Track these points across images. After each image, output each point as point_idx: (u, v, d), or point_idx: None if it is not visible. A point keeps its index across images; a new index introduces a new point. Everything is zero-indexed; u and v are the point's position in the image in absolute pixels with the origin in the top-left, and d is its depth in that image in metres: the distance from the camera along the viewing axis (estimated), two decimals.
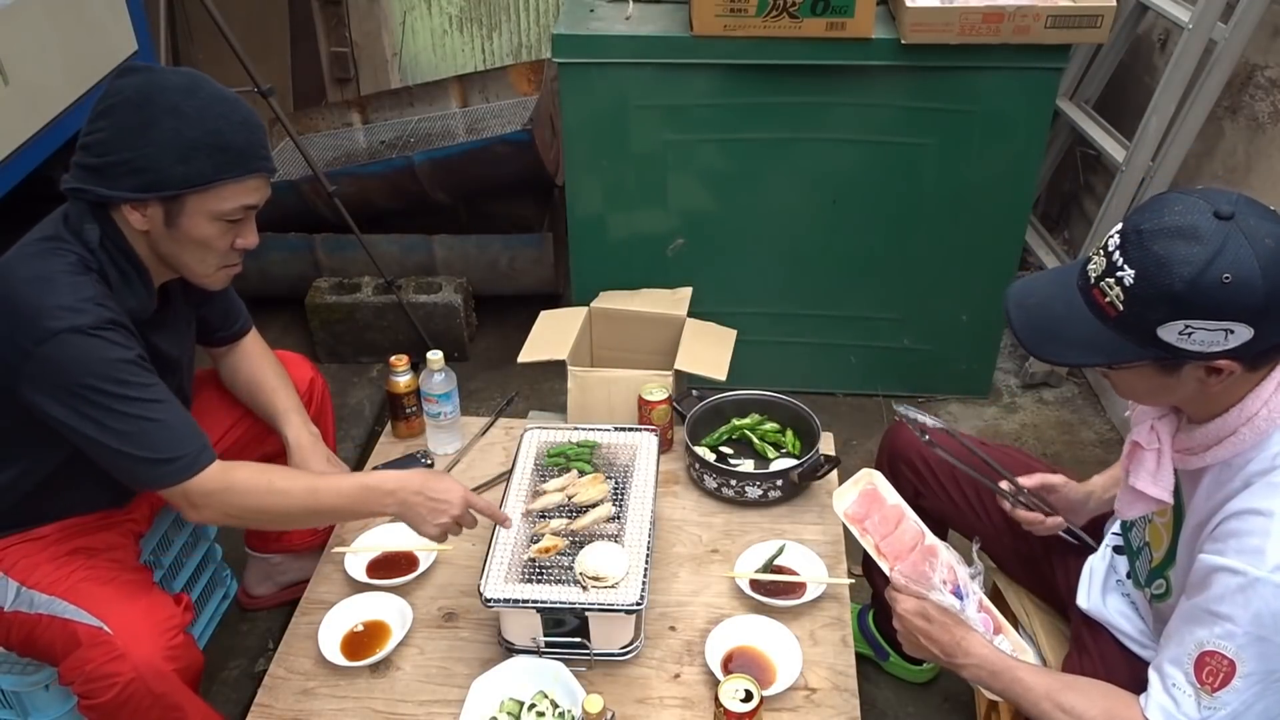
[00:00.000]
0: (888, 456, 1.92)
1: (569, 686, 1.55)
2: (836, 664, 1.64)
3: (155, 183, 1.43)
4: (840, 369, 2.99)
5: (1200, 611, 1.23)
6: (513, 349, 2.28)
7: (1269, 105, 2.52)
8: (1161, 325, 1.16)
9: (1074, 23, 2.36)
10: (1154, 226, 1.16)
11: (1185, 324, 1.15)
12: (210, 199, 1.47)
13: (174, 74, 1.46)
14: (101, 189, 1.43)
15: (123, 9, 2.80)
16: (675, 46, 2.48)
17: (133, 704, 1.49)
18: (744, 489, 1.93)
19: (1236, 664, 1.19)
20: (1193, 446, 1.31)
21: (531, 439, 1.91)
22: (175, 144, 1.41)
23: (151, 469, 1.45)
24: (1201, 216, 1.15)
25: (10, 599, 1.56)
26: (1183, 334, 1.16)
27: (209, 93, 1.45)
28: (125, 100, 1.42)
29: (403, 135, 3.57)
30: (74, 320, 1.39)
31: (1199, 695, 1.22)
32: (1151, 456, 1.35)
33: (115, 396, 1.41)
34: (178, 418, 1.48)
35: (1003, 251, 2.75)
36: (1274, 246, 1.13)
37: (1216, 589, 1.21)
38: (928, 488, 1.84)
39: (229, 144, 1.44)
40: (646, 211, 2.74)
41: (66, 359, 1.39)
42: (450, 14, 3.95)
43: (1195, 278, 1.12)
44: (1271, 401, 1.22)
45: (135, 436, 1.43)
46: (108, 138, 1.42)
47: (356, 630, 1.71)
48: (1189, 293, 1.13)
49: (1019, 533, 1.72)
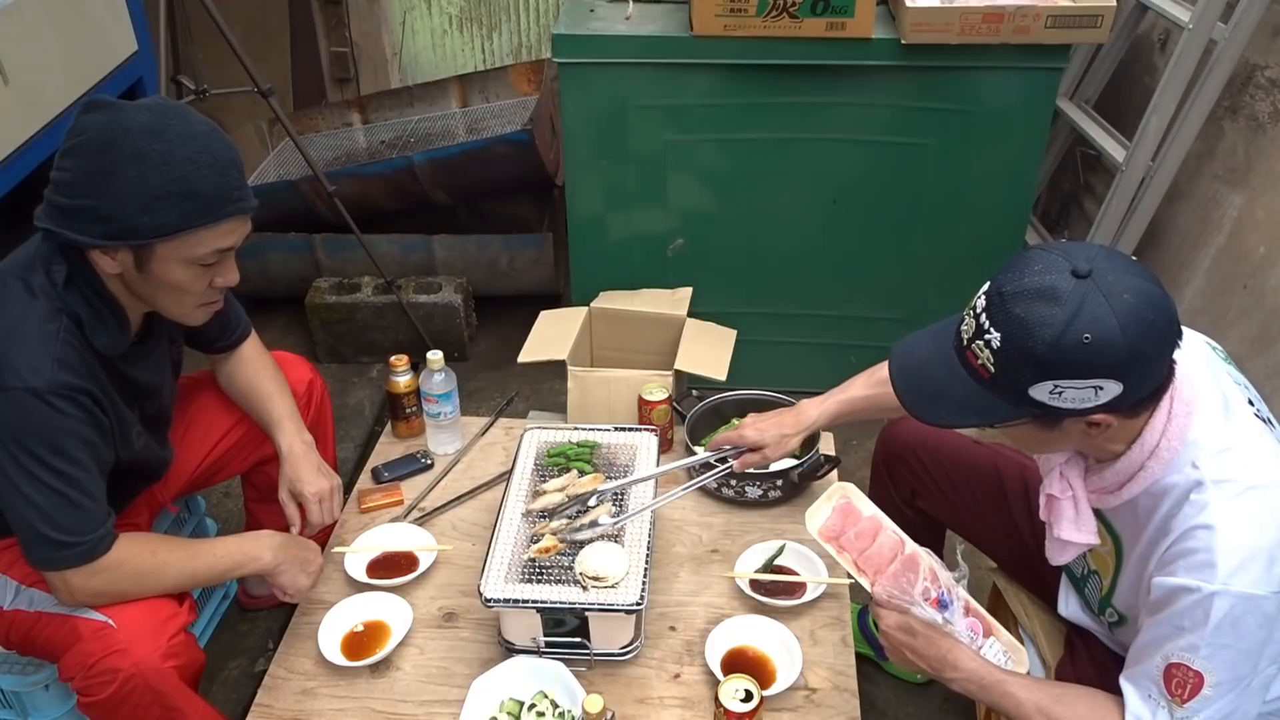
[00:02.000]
0: (883, 456, 1.93)
1: (569, 686, 1.55)
2: (836, 664, 1.64)
3: (122, 231, 1.37)
4: (840, 369, 2.95)
5: (1164, 627, 1.25)
6: (513, 349, 2.28)
7: (1269, 105, 2.52)
8: (1032, 386, 1.18)
9: (1074, 23, 2.36)
10: (1014, 289, 1.18)
11: (1054, 384, 1.17)
12: (182, 246, 1.41)
13: (140, 111, 1.38)
14: (69, 232, 1.38)
15: (123, 9, 2.80)
16: (675, 46, 2.48)
17: (132, 700, 1.48)
18: (744, 489, 1.93)
19: (1204, 675, 1.22)
20: (1106, 486, 1.33)
21: (531, 439, 1.91)
22: (139, 192, 1.35)
23: (47, 549, 1.45)
24: (1059, 276, 1.16)
25: (10, 598, 1.57)
26: (1053, 393, 1.17)
27: (176, 133, 1.37)
28: (88, 142, 1.36)
29: (403, 135, 3.58)
30: (30, 381, 1.38)
31: (1171, 706, 1.25)
32: (1068, 504, 1.38)
33: (41, 463, 1.40)
34: (93, 500, 1.46)
35: (1003, 251, 2.75)
36: (1132, 302, 1.14)
37: (1177, 606, 1.23)
38: (924, 487, 1.84)
39: (196, 190, 1.37)
40: (646, 211, 2.74)
41: (9, 414, 1.39)
42: (450, 14, 3.95)
43: (1056, 340, 1.14)
44: (1168, 430, 1.25)
45: (46, 510, 1.42)
46: (73, 179, 1.37)
47: (356, 630, 1.71)
48: (1052, 355, 1.15)
49: (1016, 533, 1.72)
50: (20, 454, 1.40)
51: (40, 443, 1.40)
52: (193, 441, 1.89)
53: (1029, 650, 1.72)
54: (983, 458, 1.80)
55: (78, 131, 1.38)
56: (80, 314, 1.45)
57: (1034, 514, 1.71)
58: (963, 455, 1.82)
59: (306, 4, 3.92)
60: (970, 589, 2.29)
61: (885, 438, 1.93)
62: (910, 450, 1.86)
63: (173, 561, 1.56)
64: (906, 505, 1.89)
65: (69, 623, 1.51)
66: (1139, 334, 1.13)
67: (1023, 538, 1.72)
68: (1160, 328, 1.16)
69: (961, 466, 1.81)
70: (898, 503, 1.90)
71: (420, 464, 2.06)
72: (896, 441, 1.89)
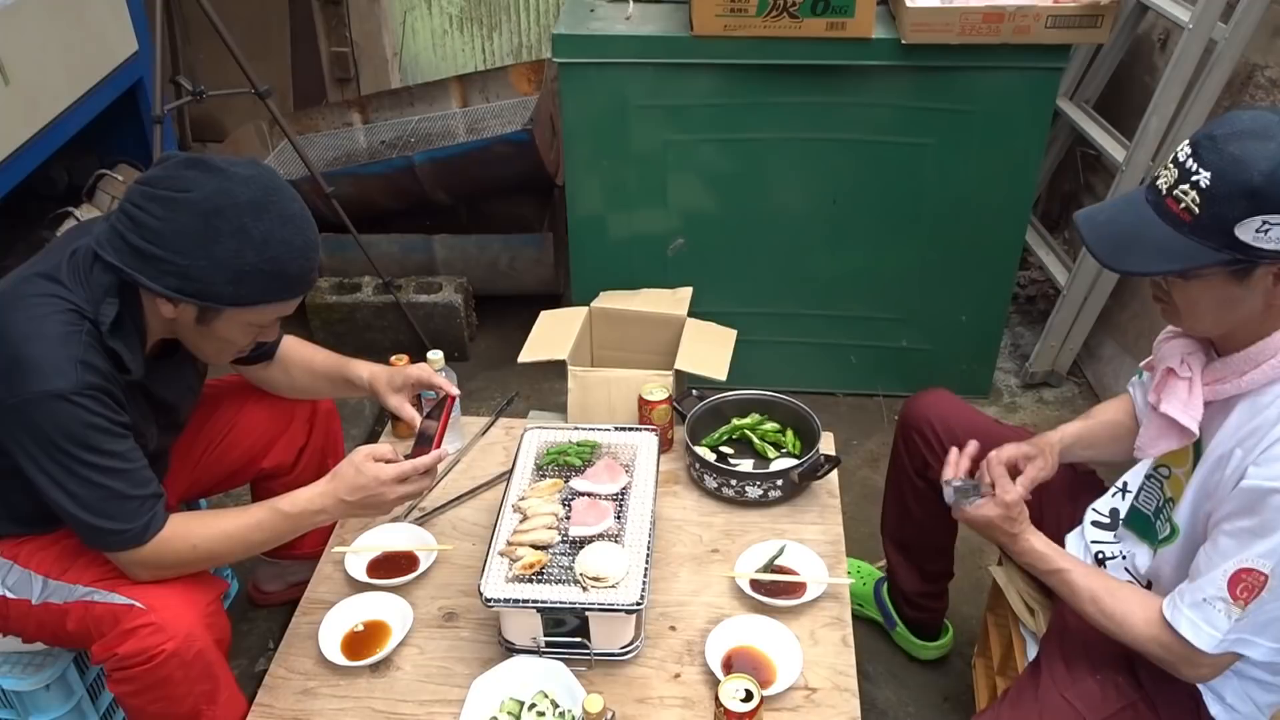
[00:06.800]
0: (900, 428, 1.96)
1: (569, 686, 1.55)
2: (836, 664, 1.64)
3: (201, 293, 1.41)
4: (840, 369, 2.99)
5: (1245, 534, 1.26)
6: (513, 349, 2.28)
7: (1269, 105, 2.52)
8: (1239, 223, 1.20)
9: (1074, 23, 2.36)
10: (1226, 131, 1.21)
11: (1263, 220, 1.18)
12: (251, 314, 1.48)
13: (247, 184, 1.41)
14: (141, 276, 1.40)
15: (123, 9, 2.81)
16: (675, 46, 2.48)
17: (176, 677, 1.50)
18: (744, 489, 1.93)
19: (1270, 578, 1.24)
20: (1225, 375, 1.33)
21: (531, 439, 1.91)
22: (232, 265, 1.39)
23: (99, 536, 1.48)
24: (1272, 118, 1.20)
25: (38, 591, 1.58)
26: (1260, 230, 1.19)
27: (278, 212, 1.42)
28: (192, 202, 1.38)
29: (403, 135, 3.58)
30: (54, 384, 1.38)
31: (1229, 609, 1.27)
32: (1184, 386, 1.38)
33: (78, 461, 1.42)
34: (137, 486, 1.48)
35: (1003, 251, 2.75)
36: None
37: (1267, 512, 1.23)
38: (937, 459, 1.85)
39: (284, 272, 1.43)
40: (646, 211, 2.74)
41: (39, 418, 1.40)
42: (450, 14, 3.95)
43: (1273, 170, 1.16)
44: None
45: (90, 502, 1.44)
46: (163, 230, 1.38)
47: (357, 630, 1.71)
48: (1267, 185, 1.17)
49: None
50: (56, 455, 1.41)
51: (72, 442, 1.41)
52: (206, 447, 1.92)
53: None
54: (1000, 435, 1.80)
55: (178, 186, 1.39)
56: (114, 347, 1.46)
57: (1039, 496, 1.72)
58: (979, 431, 1.82)
59: (307, 4, 3.92)
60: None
61: (905, 411, 1.95)
62: (926, 422, 1.88)
63: (235, 535, 1.57)
64: (919, 476, 1.91)
65: (105, 608, 1.52)
66: None
67: None
68: None
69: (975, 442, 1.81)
70: (910, 474, 1.93)
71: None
72: (914, 414, 1.92)
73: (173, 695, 1.52)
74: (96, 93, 2.70)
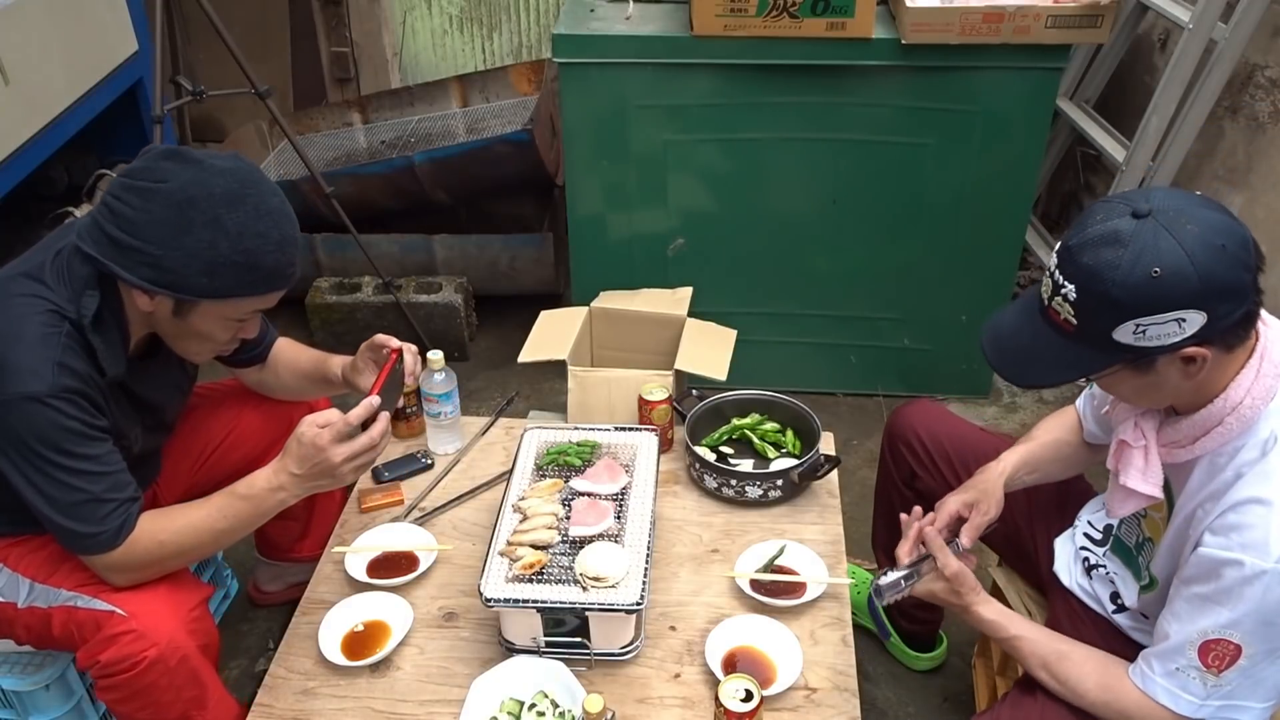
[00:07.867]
0: (887, 437, 1.97)
1: (569, 686, 1.55)
2: (836, 664, 1.64)
3: (175, 284, 1.40)
4: (840, 369, 2.99)
5: (1205, 601, 1.26)
6: (513, 349, 2.28)
7: (1269, 105, 2.52)
8: (1115, 330, 1.19)
9: (1074, 23, 2.36)
10: (1080, 240, 1.20)
11: (1135, 324, 1.18)
12: (227, 307, 1.47)
13: (223, 176, 1.40)
14: (117, 267, 1.40)
15: (123, 9, 2.81)
16: (675, 46, 2.48)
17: (161, 684, 1.49)
18: (744, 489, 1.93)
19: (1242, 647, 1.24)
20: (1179, 439, 1.33)
21: (531, 439, 1.91)
22: (206, 257, 1.38)
23: (73, 539, 1.47)
24: (1120, 220, 1.18)
25: (24, 595, 1.57)
26: (1137, 333, 1.18)
27: (254, 204, 1.41)
28: (167, 192, 1.37)
29: (403, 135, 3.58)
30: (30, 386, 1.38)
31: (1204, 676, 1.27)
32: (1139, 454, 1.37)
33: (51, 464, 1.41)
34: (111, 490, 1.47)
35: (1003, 251, 2.75)
36: (1198, 230, 1.15)
37: (1223, 581, 1.23)
38: (924, 469, 1.88)
39: (259, 264, 1.42)
40: (646, 211, 2.74)
41: (14, 420, 1.39)
42: (450, 14, 3.95)
43: (1125, 280, 1.15)
44: (1254, 389, 1.25)
45: (63, 505, 1.44)
46: (139, 220, 1.38)
47: (356, 630, 1.71)
48: (1125, 295, 1.16)
49: (1011, 519, 1.72)
50: (31, 457, 1.41)
51: (46, 445, 1.41)
52: (204, 451, 1.92)
53: None
54: (985, 444, 1.80)
55: (154, 176, 1.38)
56: (93, 343, 1.45)
57: (1031, 502, 1.72)
58: (964, 440, 1.83)
59: (307, 4, 3.92)
60: None
61: (890, 422, 1.95)
62: (912, 432, 1.88)
63: (199, 526, 1.55)
64: (906, 486, 1.92)
65: (83, 614, 1.52)
66: (1209, 260, 1.14)
67: (1018, 526, 1.73)
68: (1232, 251, 1.15)
69: (962, 452, 1.82)
70: (898, 483, 1.94)
71: (420, 464, 2.06)
72: (899, 425, 1.92)
73: (160, 702, 1.52)
74: (96, 93, 2.70)
